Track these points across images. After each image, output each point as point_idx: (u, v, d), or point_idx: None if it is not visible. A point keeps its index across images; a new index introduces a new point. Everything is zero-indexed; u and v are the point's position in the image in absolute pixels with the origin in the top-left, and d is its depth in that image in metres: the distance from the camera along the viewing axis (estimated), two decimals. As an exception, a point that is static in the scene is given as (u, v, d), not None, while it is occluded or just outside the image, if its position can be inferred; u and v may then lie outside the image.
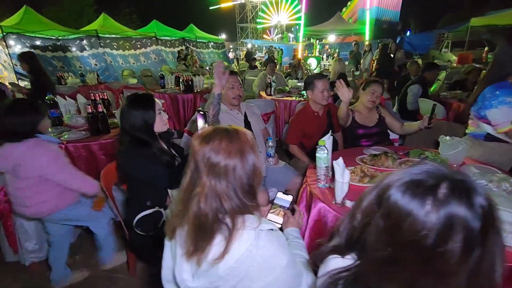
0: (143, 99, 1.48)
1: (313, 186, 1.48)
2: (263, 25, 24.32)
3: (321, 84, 2.19)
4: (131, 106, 1.46)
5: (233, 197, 0.77)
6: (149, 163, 1.43)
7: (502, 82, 1.60)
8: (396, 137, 2.66)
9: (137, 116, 1.45)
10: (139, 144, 1.46)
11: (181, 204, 0.81)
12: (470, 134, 1.80)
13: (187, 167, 0.82)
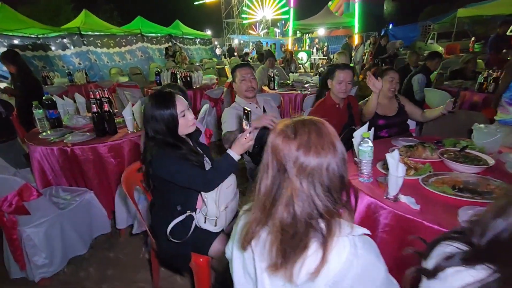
0: (162, 100, 1.32)
1: (355, 181, 1.40)
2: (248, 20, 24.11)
3: (342, 75, 2.11)
4: (152, 107, 1.31)
5: (328, 197, 0.67)
6: (182, 166, 1.31)
7: (536, 66, 1.58)
8: (412, 127, 2.62)
9: (158, 120, 1.31)
10: (167, 146, 1.33)
11: (261, 210, 0.71)
12: (500, 121, 1.77)
13: (264, 167, 0.72)
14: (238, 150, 1.30)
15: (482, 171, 1.34)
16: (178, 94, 1.37)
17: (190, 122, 1.38)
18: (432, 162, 1.48)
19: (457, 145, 1.63)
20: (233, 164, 1.31)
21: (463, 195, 1.17)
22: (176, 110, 1.31)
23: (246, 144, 1.27)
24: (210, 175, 1.31)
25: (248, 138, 1.27)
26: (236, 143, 1.30)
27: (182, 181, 1.32)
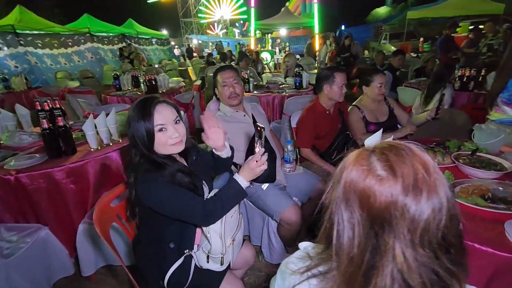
0: (139, 108, 1.04)
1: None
2: (206, 20, 23.59)
3: (342, 78, 1.97)
4: (130, 116, 1.05)
5: (449, 258, 0.47)
6: (173, 193, 1.03)
7: (530, 66, 1.59)
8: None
9: (135, 133, 1.04)
10: (150, 165, 1.05)
11: (347, 285, 0.49)
12: (496, 121, 1.78)
13: (339, 217, 0.50)
14: (247, 175, 1.07)
15: (500, 176, 1.28)
16: (165, 103, 1.08)
17: (172, 140, 1.07)
18: (444, 168, 1.40)
19: (462, 147, 1.57)
20: (240, 192, 1.08)
21: (498, 207, 1.08)
22: (152, 122, 1.03)
23: (258, 169, 1.04)
24: (210, 205, 1.05)
25: (260, 162, 1.04)
26: (245, 167, 1.06)
27: (173, 213, 1.05)
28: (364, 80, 2.15)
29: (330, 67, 2.11)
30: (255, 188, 1.78)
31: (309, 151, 2.08)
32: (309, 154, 2.08)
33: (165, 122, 1.05)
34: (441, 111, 2.06)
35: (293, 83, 4.00)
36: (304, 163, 2.19)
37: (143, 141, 1.03)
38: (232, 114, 1.79)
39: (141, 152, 1.06)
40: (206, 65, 7.10)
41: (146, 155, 1.06)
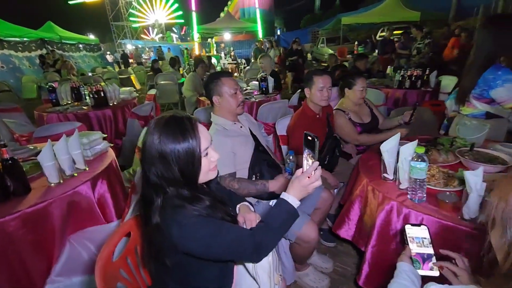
0: (179, 129, 0.83)
1: (404, 202, 1.21)
2: (139, 24, 22.16)
3: (321, 80, 1.93)
4: (160, 141, 0.82)
5: None
6: (218, 230, 0.84)
7: (497, 64, 1.77)
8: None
9: (170, 160, 0.82)
10: (183, 201, 0.84)
11: None
12: (469, 115, 1.95)
13: None
14: (298, 194, 0.91)
15: (504, 169, 1.37)
16: (199, 122, 0.88)
17: (212, 164, 0.92)
18: (450, 166, 1.45)
19: (454, 143, 1.67)
20: (293, 214, 0.92)
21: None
22: (199, 145, 0.84)
23: (311, 186, 0.90)
24: (260, 235, 0.88)
25: (313, 177, 0.89)
26: (294, 184, 0.91)
27: (220, 254, 0.86)
28: (347, 83, 2.17)
29: (312, 70, 2.07)
30: (262, 207, 1.62)
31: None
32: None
33: (208, 145, 0.87)
34: (414, 117, 2.18)
35: (256, 88, 3.92)
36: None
37: (188, 170, 0.83)
38: (231, 127, 1.60)
39: (176, 184, 0.83)
40: (153, 73, 6.55)
41: (183, 188, 0.83)
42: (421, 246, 0.80)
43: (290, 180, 0.92)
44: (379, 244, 1.33)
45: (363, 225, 1.52)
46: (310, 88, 1.99)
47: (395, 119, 2.23)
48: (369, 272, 1.40)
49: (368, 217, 1.45)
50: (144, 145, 0.83)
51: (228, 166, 1.48)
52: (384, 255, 1.32)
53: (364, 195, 1.48)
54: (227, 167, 1.47)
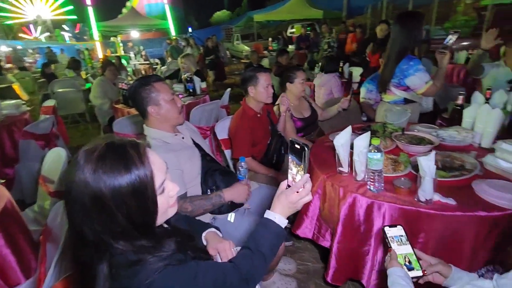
0: (120, 163, 0.60)
1: (365, 193, 1.24)
2: (14, 21, 18.32)
3: (265, 78, 1.86)
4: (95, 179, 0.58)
5: None
6: (193, 272, 0.67)
7: (409, 55, 2.00)
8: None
9: (116, 207, 0.59)
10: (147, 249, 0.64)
11: None
12: (391, 101, 2.17)
13: None
14: (287, 211, 0.80)
15: (432, 148, 1.54)
16: (147, 147, 0.65)
17: (172, 200, 0.72)
18: (390, 151, 1.57)
19: (385, 127, 1.81)
20: (281, 235, 0.80)
21: (456, 174, 1.28)
22: (152, 180, 0.63)
23: (301, 202, 0.79)
24: (247, 264, 0.74)
25: (303, 191, 0.78)
26: (281, 200, 0.79)
27: None
28: (288, 77, 2.16)
29: (253, 67, 1.98)
30: (219, 224, 1.44)
31: (250, 160, 1.90)
32: (251, 163, 1.90)
33: (164, 177, 0.65)
34: (351, 104, 2.33)
35: (182, 89, 3.62)
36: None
37: (140, 216, 0.61)
38: (172, 140, 1.35)
39: (127, 236, 0.60)
40: (45, 79, 5.39)
41: (137, 239, 0.60)
42: (400, 244, 0.79)
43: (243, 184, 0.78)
44: (345, 238, 1.33)
45: (323, 222, 1.51)
46: (255, 86, 1.88)
47: (334, 108, 2.32)
48: (337, 267, 1.39)
49: (328, 213, 1.44)
50: (70, 190, 0.57)
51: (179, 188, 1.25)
52: (350, 248, 1.33)
53: (322, 191, 1.46)
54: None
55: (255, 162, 1.93)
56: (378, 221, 1.22)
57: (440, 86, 1.98)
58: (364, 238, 1.28)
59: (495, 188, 1.13)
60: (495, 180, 1.19)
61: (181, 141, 1.40)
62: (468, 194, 1.17)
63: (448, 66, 2.06)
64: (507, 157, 1.28)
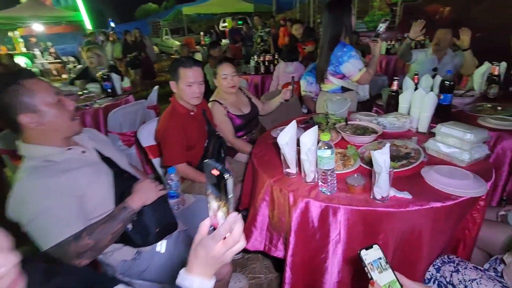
0: None
1: (317, 196, 1.07)
2: None
3: (191, 73, 1.57)
4: None
5: None
6: None
7: (342, 42, 1.93)
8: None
9: None
10: None
11: None
12: (330, 91, 2.08)
13: None
14: (210, 270, 0.56)
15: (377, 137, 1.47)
16: None
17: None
18: (336, 145, 1.46)
19: (328, 118, 1.71)
20: None
21: (404, 164, 1.21)
22: None
23: (229, 254, 0.56)
24: None
25: (231, 239, 0.54)
26: (199, 256, 0.55)
27: None
28: (214, 72, 1.92)
29: (177, 59, 1.66)
30: (147, 261, 1.13)
31: (185, 167, 1.62)
32: (186, 170, 1.62)
33: None
34: (294, 94, 2.18)
35: (98, 90, 3.05)
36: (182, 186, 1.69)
37: None
38: (62, 156, 0.97)
39: None
40: None
41: None
42: (381, 270, 0.63)
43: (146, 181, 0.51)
44: (299, 249, 1.16)
45: (274, 231, 1.32)
46: (177, 83, 1.59)
47: (276, 100, 2.15)
48: (293, 280, 1.22)
49: (279, 221, 1.25)
50: None
51: (73, 223, 0.88)
52: (306, 259, 1.17)
53: (270, 198, 1.26)
54: (70, 226, 0.87)
55: (191, 169, 1.64)
56: (335, 226, 1.07)
57: (373, 74, 1.97)
58: (321, 245, 1.12)
59: (443, 175, 1.08)
60: (442, 166, 1.15)
61: (79, 157, 1.03)
62: (419, 183, 1.10)
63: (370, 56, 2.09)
64: (447, 141, 1.26)
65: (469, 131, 1.19)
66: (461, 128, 1.22)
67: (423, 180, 1.11)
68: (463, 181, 1.04)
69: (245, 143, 1.97)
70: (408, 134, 1.56)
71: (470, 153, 1.18)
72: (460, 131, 1.21)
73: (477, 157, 1.20)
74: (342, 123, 1.58)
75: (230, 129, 1.93)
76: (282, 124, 1.85)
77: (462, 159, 1.19)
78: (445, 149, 1.25)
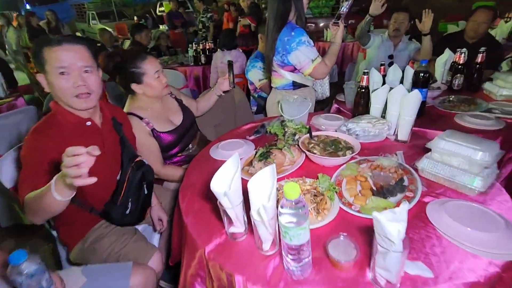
0: None
1: (278, 282, 0.63)
2: None
3: (62, 56, 0.95)
4: None
5: None
6: None
7: (290, 23, 1.49)
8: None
9: None
10: None
11: None
12: (278, 87, 1.64)
13: None
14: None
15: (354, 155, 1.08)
16: None
17: None
18: (300, 170, 1.03)
19: (284, 124, 1.28)
20: None
21: (402, 201, 0.83)
22: None
23: None
24: None
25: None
26: None
27: None
28: (131, 76, 1.30)
29: (38, 40, 1.02)
30: None
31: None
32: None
33: None
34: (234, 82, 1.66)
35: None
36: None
37: None
38: None
39: None
40: None
41: None
42: None
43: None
44: None
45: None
46: (44, 73, 0.97)
47: (211, 94, 1.61)
48: None
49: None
50: None
51: None
52: None
53: (206, 275, 0.78)
54: None
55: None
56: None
57: (331, 66, 1.58)
58: None
59: (463, 221, 0.72)
60: (453, 203, 0.79)
61: None
62: (431, 237, 0.72)
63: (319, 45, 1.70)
64: (450, 161, 0.91)
65: (479, 147, 0.86)
66: (467, 142, 0.88)
67: (432, 229, 0.74)
68: (495, 232, 0.69)
69: (176, 169, 1.43)
70: (387, 145, 1.21)
71: (484, 179, 0.85)
72: (469, 147, 0.87)
73: (490, 182, 0.87)
74: (305, 136, 1.15)
75: (157, 155, 1.37)
76: (227, 137, 1.37)
77: (472, 187, 0.85)
78: (447, 173, 0.90)
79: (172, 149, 1.47)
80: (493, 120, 1.39)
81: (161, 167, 1.39)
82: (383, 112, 1.35)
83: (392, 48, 2.54)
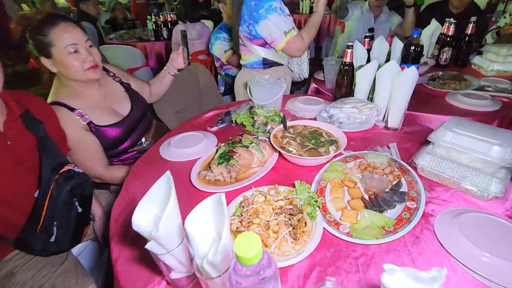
0: None
1: None
2: None
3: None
4: None
5: None
6: None
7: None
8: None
9: None
10: None
11: None
12: (246, 65, 1.37)
13: None
14: None
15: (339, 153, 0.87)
16: None
17: None
18: (273, 172, 0.81)
19: (255, 117, 1.03)
20: None
21: (405, 217, 0.64)
22: None
23: None
24: None
25: None
26: None
27: None
28: (37, 44, 0.96)
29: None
30: None
31: None
32: None
33: None
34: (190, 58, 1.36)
35: None
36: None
37: None
38: None
39: None
40: None
41: None
42: None
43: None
44: None
45: None
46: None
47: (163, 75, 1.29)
48: None
49: None
50: None
51: None
52: None
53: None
54: None
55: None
56: None
57: (310, 40, 1.33)
58: None
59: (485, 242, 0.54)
60: (466, 215, 0.61)
61: None
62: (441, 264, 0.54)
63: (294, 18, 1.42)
64: (459, 158, 0.72)
65: (496, 140, 0.67)
66: (481, 134, 0.69)
67: (450, 260, 0.55)
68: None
69: (125, 169, 1.15)
70: (376, 135, 1.01)
71: (501, 181, 0.67)
72: (483, 140, 0.68)
73: (506, 184, 0.70)
74: (278, 127, 0.92)
75: (97, 155, 1.07)
76: (183, 129, 1.11)
77: (486, 193, 0.67)
78: (454, 173, 0.72)
79: (120, 145, 1.18)
80: (488, 100, 1.24)
81: (105, 169, 1.11)
82: (370, 94, 1.15)
83: (372, 20, 2.31)
